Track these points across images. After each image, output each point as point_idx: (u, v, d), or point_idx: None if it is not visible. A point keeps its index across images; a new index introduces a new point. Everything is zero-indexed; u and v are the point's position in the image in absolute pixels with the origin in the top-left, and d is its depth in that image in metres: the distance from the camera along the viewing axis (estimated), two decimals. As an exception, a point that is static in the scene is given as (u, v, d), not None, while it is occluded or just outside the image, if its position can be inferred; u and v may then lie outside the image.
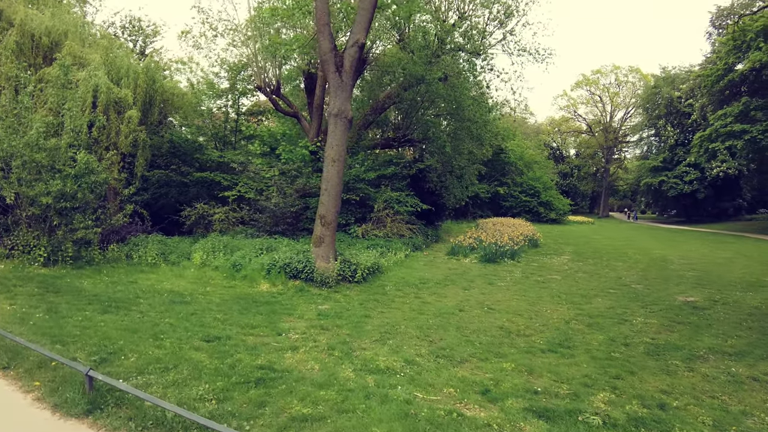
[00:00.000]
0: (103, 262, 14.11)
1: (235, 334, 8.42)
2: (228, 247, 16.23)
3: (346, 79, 13.06)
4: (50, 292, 10.21)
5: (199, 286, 12.29)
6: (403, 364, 7.62)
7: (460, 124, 25.19)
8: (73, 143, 14.09)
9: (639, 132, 56.49)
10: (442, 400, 6.33)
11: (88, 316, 8.68)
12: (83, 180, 13.35)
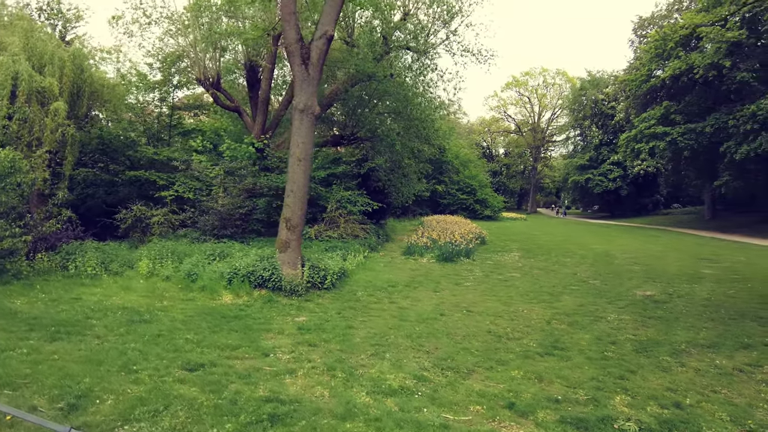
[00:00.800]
0: (33, 275, 12.31)
1: (217, 358, 7.38)
2: (175, 253, 14.78)
3: (313, 73, 12.15)
4: None
5: (153, 300, 10.94)
6: (414, 381, 7.03)
7: (409, 122, 24.79)
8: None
9: (566, 132, 59.14)
10: (475, 421, 5.83)
11: (34, 346, 7.22)
12: (7, 181, 11.53)
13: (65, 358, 6.83)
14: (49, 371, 6.24)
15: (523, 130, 65.97)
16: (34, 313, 9.09)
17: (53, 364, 6.52)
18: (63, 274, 12.91)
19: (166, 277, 12.91)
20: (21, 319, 8.61)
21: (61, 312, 9.34)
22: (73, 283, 12.17)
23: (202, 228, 17.41)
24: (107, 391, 5.77)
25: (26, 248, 12.63)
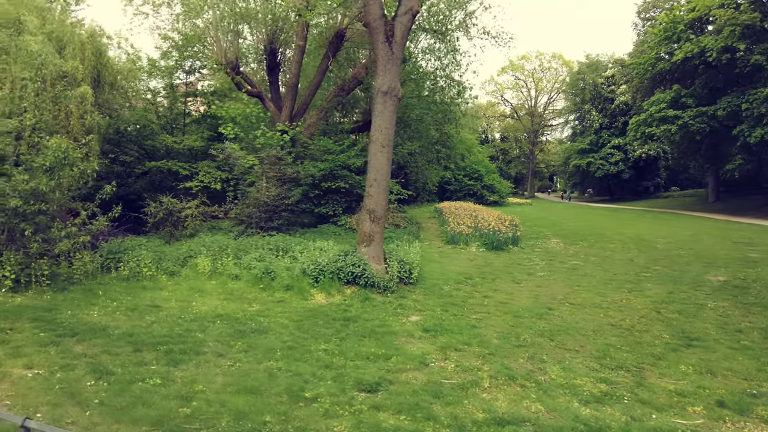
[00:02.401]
0: (86, 279, 11.15)
1: (380, 372, 6.59)
2: (227, 249, 13.75)
3: (397, 51, 11.22)
4: (63, 335, 7.42)
5: (241, 303, 9.98)
6: (604, 385, 6.61)
7: (428, 107, 24.01)
8: (36, 125, 10.92)
9: (565, 116, 59.00)
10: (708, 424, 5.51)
11: (161, 373, 6.23)
12: (60, 174, 10.33)
13: (211, 387, 5.84)
14: (210, 408, 5.28)
15: (519, 115, 65.71)
16: (124, 327, 8.02)
17: (206, 398, 5.52)
18: (115, 276, 11.76)
19: (235, 276, 11.90)
20: (116, 336, 7.55)
21: (153, 325, 8.30)
22: (134, 286, 11.08)
23: (247, 221, 16.32)
24: (310, 430, 4.86)
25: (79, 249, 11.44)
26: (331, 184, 19.17)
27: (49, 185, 9.93)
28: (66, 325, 7.89)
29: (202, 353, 7.06)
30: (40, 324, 7.86)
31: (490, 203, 40.74)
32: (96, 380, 5.89)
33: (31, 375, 5.93)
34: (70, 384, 5.74)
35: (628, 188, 51.65)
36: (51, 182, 10.01)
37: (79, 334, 7.48)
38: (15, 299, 9.26)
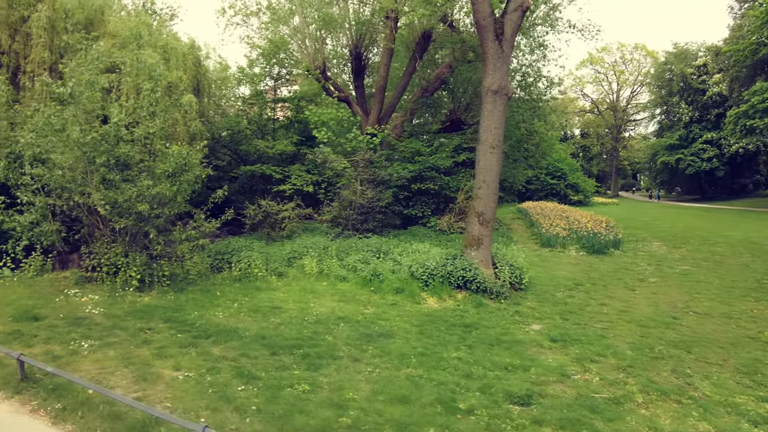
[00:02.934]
0: (200, 280, 11.65)
1: (524, 383, 6.42)
2: (327, 250, 14.02)
3: (507, 49, 10.97)
4: (198, 337, 7.73)
5: (357, 306, 10.09)
6: None
7: (526, 103, 23.42)
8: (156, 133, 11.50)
9: (650, 110, 55.86)
10: None
11: (304, 378, 6.34)
12: (180, 179, 10.85)
13: (360, 395, 5.85)
14: (368, 418, 5.27)
15: (600, 110, 62.94)
16: (253, 329, 8.27)
17: (360, 406, 5.54)
18: (227, 276, 12.22)
19: (342, 278, 12.08)
20: (248, 338, 7.78)
21: (280, 327, 8.51)
22: (248, 287, 11.45)
23: (343, 223, 16.58)
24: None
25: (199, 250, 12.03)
26: (420, 186, 19.13)
27: (171, 190, 10.46)
28: (198, 326, 8.23)
29: (338, 357, 7.15)
30: (173, 325, 8.25)
31: (574, 203, 39.19)
32: (244, 384, 6.05)
33: (182, 377, 6.18)
34: (221, 388, 5.92)
35: (723, 186, 48.00)
36: (173, 187, 10.54)
37: (212, 335, 7.78)
38: (143, 299, 9.79)
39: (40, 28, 15.26)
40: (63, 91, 10.09)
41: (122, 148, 10.28)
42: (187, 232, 11.41)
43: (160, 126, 11.05)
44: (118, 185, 10.21)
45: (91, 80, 10.77)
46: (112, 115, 10.47)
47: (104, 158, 9.90)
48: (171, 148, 11.02)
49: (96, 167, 10.04)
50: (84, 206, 10.50)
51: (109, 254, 10.38)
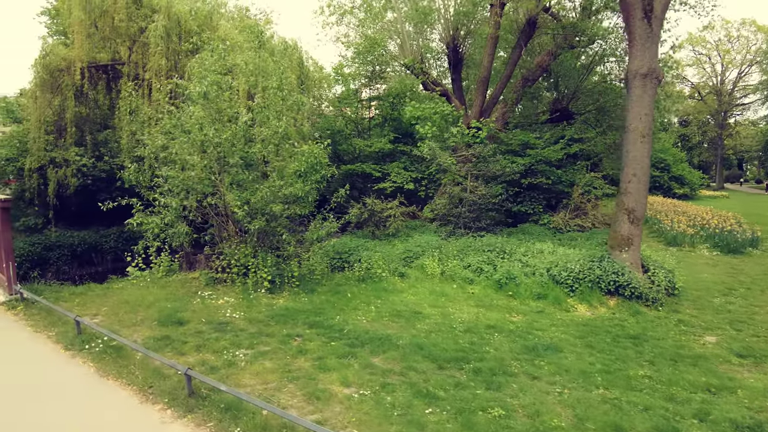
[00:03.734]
0: (324, 280, 11.28)
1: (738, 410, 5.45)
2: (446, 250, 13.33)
3: (656, 28, 9.75)
4: (354, 345, 7.21)
5: (501, 312, 9.31)
6: None
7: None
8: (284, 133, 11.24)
9: (762, 91, 50.53)
10: None
11: (490, 399, 5.67)
12: (311, 178, 10.52)
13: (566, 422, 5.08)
14: None
15: (702, 94, 57.92)
16: (405, 337, 7.73)
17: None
18: (349, 276, 11.80)
19: (469, 280, 11.33)
20: (406, 348, 7.18)
21: (431, 335, 7.90)
22: (374, 288, 10.94)
23: (454, 220, 15.82)
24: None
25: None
26: (531, 180, 17.98)
27: (303, 190, 10.16)
28: (346, 332, 7.76)
29: (513, 374, 6.40)
30: (320, 331, 7.82)
31: (680, 197, 36.07)
32: (429, 406, 5.42)
33: (356, 396, 5.62)
34: (405, 410, 5.32)
35: None
36: (306, 187, 10.24)
37: (367, 344, 7.26)
38: (277, 301, 9.51)
39: (158, 37, 15.65)
40: (199, 91, 10.02)
41: (253, 148, 10.10)
42: (317, 231, 11.11)
43: (286, 125, 10.77)
44: (249, 185, 10.05)
45: (217, 81, 10.69)
46: (241, 114, 10.31)
47: (237, 158, 9.74)
48: (301, 147, 10.70)
49: (228, 167, 9.92)
50: (214, 207, 10.44)
51: (238, 255, 10.24)
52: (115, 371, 5.87)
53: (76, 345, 6.64)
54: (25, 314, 8.08)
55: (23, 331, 7.29)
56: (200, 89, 9.99)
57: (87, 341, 6.77)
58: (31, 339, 6.99)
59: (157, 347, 6.72)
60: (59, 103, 18.12)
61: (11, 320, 7.82)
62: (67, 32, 20.68)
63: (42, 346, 6.71)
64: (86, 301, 9.07)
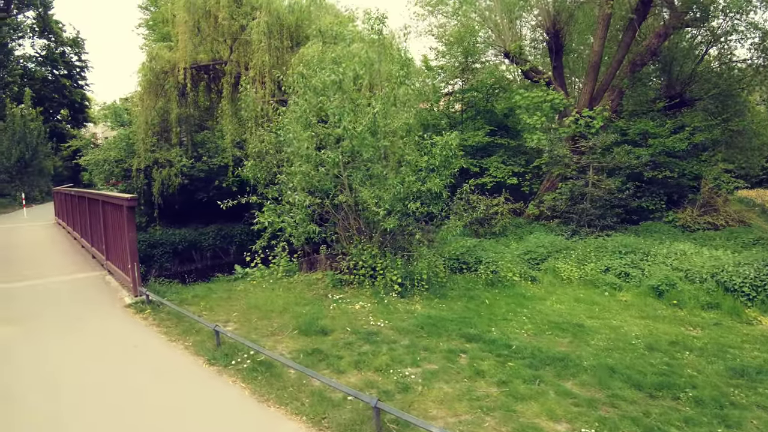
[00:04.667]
0: (450, 284, 10.03)
1: None
2: (572, 251, 11.78)
3: None
4: (531, 366, 5.85)
5: (672, 325, 7.73)
6: None
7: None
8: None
9: None
10: None
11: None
12: (444, 173, 9.31)
13: None
14: None
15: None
16: (584, 356, 6.28)
17: None
18: (474, 279, 10.51)
19: (616, 286, 9.75)
20: (592, 369, 5.77)
21: (613, 354, 6.43)
22: (510, 294, 9.59)
23: (576, 218, 14.17)
24: None
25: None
26: (656, 174, 15.93)
27: (439, 185, 8.99)
28: (513, 349, 6.40)
29: (742, 406, 4.98)
30: (482, 346, 6.52)
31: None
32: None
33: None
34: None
35: None
36: (441, 182, 9.07)
37: (548, 364, 5.86)
38: (414, 307, 8.32)
39: (260, 33, 15.02)
40: (333, 79, 9.07)
41: (382, 141, 9.05)
42: (451, 230, 9.94)
43: (412, 117, 9.64)
44: (380, 182, 9.02)
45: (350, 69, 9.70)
46: (372, 104, 9.28)
47: (371, 152, 8.72)
48: (436, 139, 9.51)
49: (361, 162, 8.94)
50: (336, 204, 9.48)
51: (365, 255, 9.21)
52: (274, 395, 4.88)
53: (219, 359, 5.75)
54: (154, 319, 7.38)
55: (156, 339, 6.54)
56: (334, 77, 9.04)
57: (230, 354, 5.87)
58: (167, 349, 6.20)
59: (309, 363, 5.72)
60: (162, 105, 18.05)
61: (141, 325, 7.13)
62: (169, 38, 20.77)
63: (182, 358, 5.89)
64: (212, 304, 8.31)
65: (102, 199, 10.23)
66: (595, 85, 18.20)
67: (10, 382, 5.22)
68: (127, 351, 6.07)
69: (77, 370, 5.50)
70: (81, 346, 6.22)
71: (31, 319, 7.36)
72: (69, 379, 5.29)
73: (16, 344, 6.33)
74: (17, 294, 8.83)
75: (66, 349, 6.12)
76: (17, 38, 36.91)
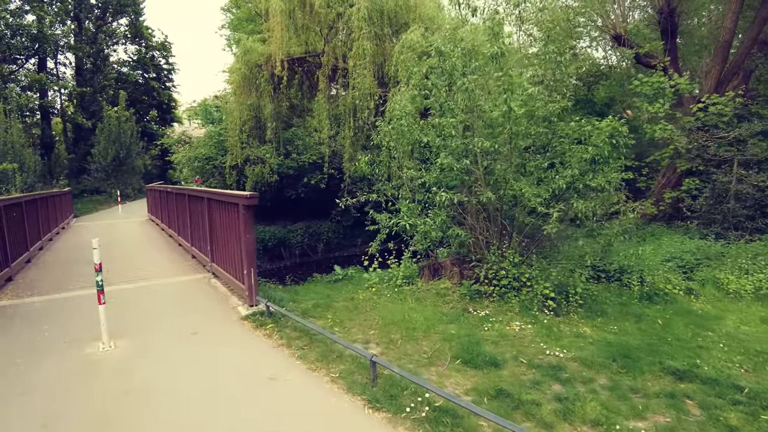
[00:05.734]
0: (600, 297, 8.25)
1: None
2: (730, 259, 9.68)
3: None
4: None
5: None
6: None
7: None
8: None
9: None
10: None
11: None
12: (613, 165, 7.60)
13: None
14: None
15: None
16: None
17: None
18: (614, 289, 8.70)
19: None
20: None
21: None
22: (676, 311, 7.73)
23: (719, 220, 11.94)
24: None
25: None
26: None
27: (609, 181, 7.33)
28: (749, 392, 4.66)
29: None
30: (701, 386, 4.75)
31: None
32: None
33: None
34: None
35: None
36: (610, 176, 7.40)
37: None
38: (578, 328, 6.58)
39: (361, 20, 13.70)
40: (476, 65, 7.58)
41: (535, 128, 7.48)
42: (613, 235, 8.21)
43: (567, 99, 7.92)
44: (535, 176, 7.46)
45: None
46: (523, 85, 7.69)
47: (529, 141, 7.19)
48: (602, 123, 7.75)
49: (512, 152, 7.41)
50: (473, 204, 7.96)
51: (505, 263, 7.63)
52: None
53: (382, 401, 4.36)
54: (280, 336, 6.14)
55: (294, 368, 5.23)
56: (495, 49, 7.54)
57: (394, 395, 4.48)
58: (312, 383, 4.87)
59: (501, 411, 4.23)
60: (254, 101, 17.22)
61: (268, 346, 5.89)
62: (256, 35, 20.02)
63: (334, 399, 4.52)
64: (340, 317, 7.01)
65: (208, 197, 9.23)
66: (724, 68, 15.64)
67: (129, 419, 4.08)
68: (262, 385, 4.81)
69: (209, 412, 4.27)
70: (205, 375, 5.04)
71: (143, 332, 6.33)
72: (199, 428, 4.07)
73: (131, 365, 5.26)
74: (125, 298, 7.94)
75: (189, 378, 4.96)
76: (112, 44, 37.96)
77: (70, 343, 5.97)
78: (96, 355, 5.59)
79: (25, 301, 7.81)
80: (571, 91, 7.84)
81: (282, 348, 5.77)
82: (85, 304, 7.48)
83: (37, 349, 5.74)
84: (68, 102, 34.63)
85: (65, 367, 5.23)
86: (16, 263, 9.76)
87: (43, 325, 6.59)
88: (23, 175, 20.78)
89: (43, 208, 13.54)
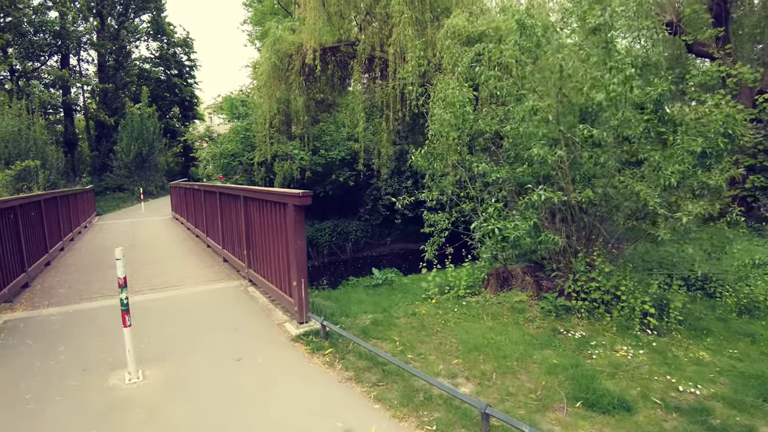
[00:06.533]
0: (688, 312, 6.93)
1: None
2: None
3: None
4: None
5: None
6: None
7: None
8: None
9: None
10: None
11: None
12: (725, 159, 6.28)
13: None
14: None
15: None
16: None
17: None
18: (697, 300, 7.38)
19: None
20: None
21: None
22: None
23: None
24: None
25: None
26: None
27: (717, 180, 6.03)
28: None
29: None
30: None
31: None
32: None
33: None
34: None
35: None
36: (721, 172, 6.09)
37: None
38: (695, 353, 5.30)
39: (402, 4, 12.44)
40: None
41: (645, 114, 6.18)
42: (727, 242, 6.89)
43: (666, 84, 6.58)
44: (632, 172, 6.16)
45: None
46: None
47: (639, 129, 5.92)
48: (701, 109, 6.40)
49: (609, 144, 6.13)
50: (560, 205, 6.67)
51: (594, 273, 6.34)
52: None
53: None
54: (344, 366, 4.92)
55: (372, 414, 4.00)
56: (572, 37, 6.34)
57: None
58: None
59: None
60: (282, 94, 16.04)
61: (332, 379, 4.67)
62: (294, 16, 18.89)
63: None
64: (407, 338, 5.77)
65: (244, 195, 8.04)
66: (793, 56, 14.12)
67: None
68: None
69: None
70: (261, 423, 3.85)
71: (176, 356, 5.16)
72: None
73: (165, 406, 4.09)
74: (153, 310, 6.80)
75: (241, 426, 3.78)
76: (134, 41, 37.11)
77: (90, 371, 4.82)
78: (121, 389, 4.44)
79: (42, 313, 6.70)
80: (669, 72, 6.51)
81: (351, 384, 4.56)
82: (108, 318, 6.35)
83: (51, 382, 4.60)
84: (91, 99, 33.85)
85: (84, 408, 4.09)
86: (33, 267, 8.69)
87: (59, 346, 5.46)
88: (46, 173, 19.87)
89: (64, 207, 12.51)
